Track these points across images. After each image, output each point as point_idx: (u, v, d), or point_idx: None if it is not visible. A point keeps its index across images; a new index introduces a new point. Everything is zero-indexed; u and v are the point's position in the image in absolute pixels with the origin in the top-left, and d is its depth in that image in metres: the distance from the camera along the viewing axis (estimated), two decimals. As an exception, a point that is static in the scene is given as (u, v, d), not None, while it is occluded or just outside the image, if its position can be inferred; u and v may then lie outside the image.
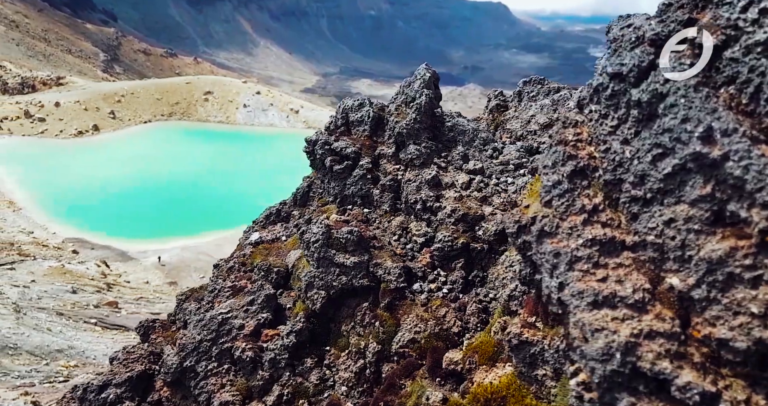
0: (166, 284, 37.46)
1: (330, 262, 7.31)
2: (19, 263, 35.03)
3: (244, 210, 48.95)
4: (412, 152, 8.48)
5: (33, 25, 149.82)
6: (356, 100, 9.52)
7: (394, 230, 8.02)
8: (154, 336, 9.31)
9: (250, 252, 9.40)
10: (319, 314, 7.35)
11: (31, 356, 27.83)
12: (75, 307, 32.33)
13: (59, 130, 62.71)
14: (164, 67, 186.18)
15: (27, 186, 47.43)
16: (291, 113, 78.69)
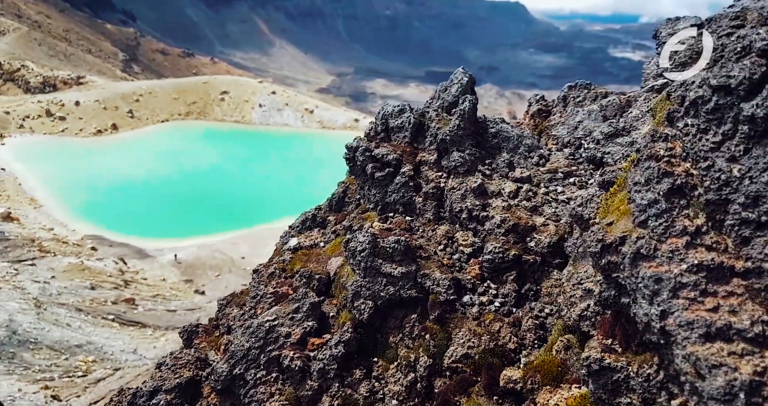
0: (182, 282, 37.70)
1: (377, 272, 7.11)
2: (39, 260, 35.59)
3: (259, 209, 49.23)
4: (455, 160, 8.26)
5: (55, 25, 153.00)
6: (396, 106, 9.32)
7: (440, 239, 7.81)
8: (198, 341, 9.11)
9: (290, 258, 9.24)
10: (366, 325, 7.18)
11: (51, 351, 28.22)
12: (93, 303, 32.69)
13: (79, 128, 63.73)
14: (181, 67, 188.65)
15: (48, 184, 48.22)
16: (306, 113, 78.83)
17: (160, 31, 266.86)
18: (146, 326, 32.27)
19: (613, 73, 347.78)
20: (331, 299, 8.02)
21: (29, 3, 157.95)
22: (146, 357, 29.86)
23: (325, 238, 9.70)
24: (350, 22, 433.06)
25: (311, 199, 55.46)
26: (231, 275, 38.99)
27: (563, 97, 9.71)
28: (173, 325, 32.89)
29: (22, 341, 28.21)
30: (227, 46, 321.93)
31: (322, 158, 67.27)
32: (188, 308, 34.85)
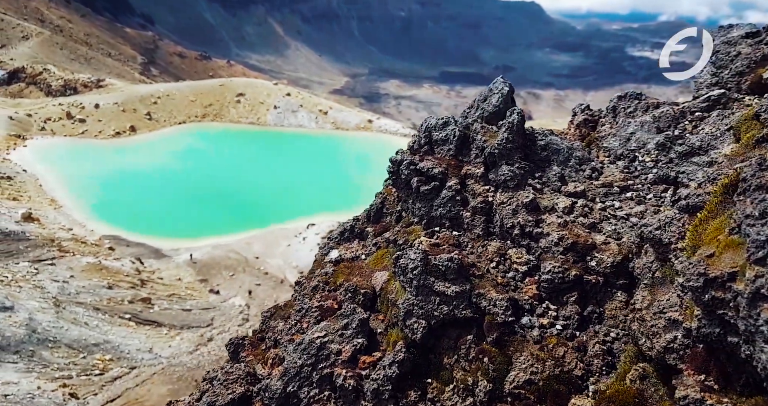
0: (197, 281, 37.99)
1: (430, 290, 6.88)
2: (59, 259, 36.21)
3: (272, 210, 49.44)
4: (505, 173, 8.00)
5: (76, 29, 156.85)
6: (440, 119, 9.01)
7: (491, 256, 7.51)
8: (244, 354, 9.02)
9: (332, 271, 9.10)
10: (419, 345, 6.96)
11: (70, 349, 28.64)
12: (110, 302, 33.12)
13: (98, 130, 64.95)
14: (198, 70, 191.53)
15: (67, 185, 49.17)
16: (320, 114, 79.07)
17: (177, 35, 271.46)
18: (162, 325, 32.55)
19: (632, 73, 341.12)
20: (377, 314, 7.88)
21: (52, 8, 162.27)
22: (162, 356, 30.12)
23: (366, 250, 9.55)
24: (365, 24, 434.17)
25: (324, 199, 55.88)
26: (245, 275, 39.15)
27: (612, 108, 9.37)
28: (188, 324, 33.13)
29: (42, 339, 28.69)
30: (243, 48, 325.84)
31: (336, 159, 67.37)
32: (203, 307, 35.06)
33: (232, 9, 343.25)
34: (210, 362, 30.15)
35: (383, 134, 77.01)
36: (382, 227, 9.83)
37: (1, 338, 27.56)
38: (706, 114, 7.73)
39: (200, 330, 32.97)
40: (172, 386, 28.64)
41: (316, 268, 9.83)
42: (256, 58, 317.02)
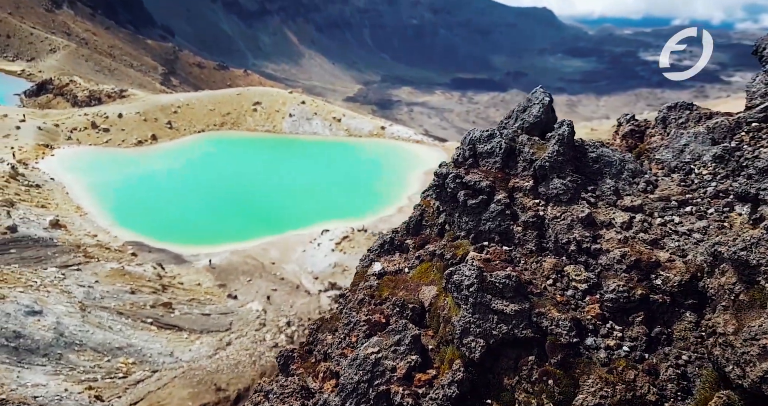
0: (216, 286, 38.78)
1: (487, 308, 6.69)
2: (84, 265, 37.34)
3: (288, 216, 50.24)
4: (557, 187, 7.75)
5: (100, 42, 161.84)
6: (485, 131, 8.84)
7: (547, 273, 7.29)
8: (294, 367, 9.08)
9: (377, 284, 9.07)
10: (477, 364, 6.83)
11: (95, 353, 29.49)
12: (133, 307, 34.04)
13: (121, 139, 66.87)
14: (216, 80, 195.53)
15: (92, 192, 50.73)
16: (333, 122, 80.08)
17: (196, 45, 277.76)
18: (182, 330, 33.33)
19: (645, 77, 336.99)
20: (426, 329, 7.70)
21: (78, 21, 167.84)
22: (182, 360, 30.84)
23: (409, 263, 9.40)
24: (377, 32, 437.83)
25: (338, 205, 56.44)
26: (261, 280, 39.84)
27: (662, 118, 9.13)
28: (207, 328, 33.87)
29: (68, 343, 29.53)
30: (259, 58, 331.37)
31: (349, 166, 68.17)
32: (222, 312, 35.80)
33: (249, 20, 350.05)
34: (229, 366, 30.77)
35: (396, 141, 77.65)
36: (423, 240, 9.64)
37: (31, 341, 28.47)
38: (764, 125, 7.39)
39: (219, 334, 33.67)
40: (193, 390, 29.29)
41: (359, 280, 9.72)
42: (272, 67, 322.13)
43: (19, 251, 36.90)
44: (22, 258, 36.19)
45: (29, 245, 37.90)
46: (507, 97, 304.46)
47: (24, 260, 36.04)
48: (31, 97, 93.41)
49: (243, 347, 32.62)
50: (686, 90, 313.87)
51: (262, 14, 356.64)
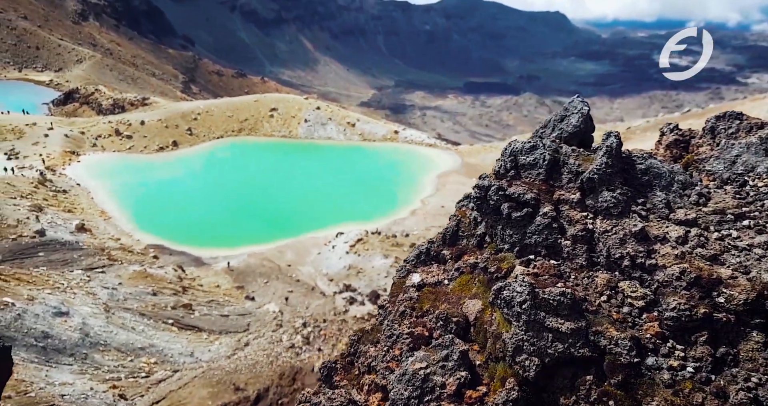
0: (234, 288, 39.56)
1: (541, 326, 6.50)
2: (108, 267, 38.46)
3: (303, 219, 50.99)
4: (607, 200, 7.50)
5: (124, 52, 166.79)
6: (527, 142, 8.60)
7: (601, 289, 7.03)
8: (337, 378, 9.09)
9: (417, 296, 8.93)
10: (531, 383, 6.65)
11: (118, 353, 30.36)
12: (155, 308, 34.96)
13: (144, 146, 68.77)
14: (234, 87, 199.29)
15: (116, 197, 52.33)
16: (348, 127, 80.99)
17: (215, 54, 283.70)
18: (202, 330, 34.09)
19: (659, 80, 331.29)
20: (472, 344, 7.59)
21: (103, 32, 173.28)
22: (202, 360, 31.56)
23: (448, 275, 9.27)
24: (390, 38, 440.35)
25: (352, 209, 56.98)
26: (278, 282, 40.49)
27: (710, 129, 8.87)
28: (226, 329, 34.60)
29: (94, 343, 30.39)
30: (276, 65, 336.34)
31: (363, 169, 68.85)
32: (240, 313, 36.52)
33: (266, 28, 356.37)
34: (247, 366, 31.37)
35: (409, 144, 78.14)
36: (459, 250, 9.57)
37: (58, 341, 29.37)
38: None
39: (237, 335, 34.35)
40: (212, 389, 29.92)
41: (398, 291, 9.62)
42: (288, 74, 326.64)
43: (47, 254, 38.24)
44: (50, 261, 37.47)
45: (56, 249, 39.22)
46: (520, 101, 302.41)
47: (52, 262, 37.30)
48: (58, 106, 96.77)
49: (260, 348, 33.20)
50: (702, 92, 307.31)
51: (278, 23, 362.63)
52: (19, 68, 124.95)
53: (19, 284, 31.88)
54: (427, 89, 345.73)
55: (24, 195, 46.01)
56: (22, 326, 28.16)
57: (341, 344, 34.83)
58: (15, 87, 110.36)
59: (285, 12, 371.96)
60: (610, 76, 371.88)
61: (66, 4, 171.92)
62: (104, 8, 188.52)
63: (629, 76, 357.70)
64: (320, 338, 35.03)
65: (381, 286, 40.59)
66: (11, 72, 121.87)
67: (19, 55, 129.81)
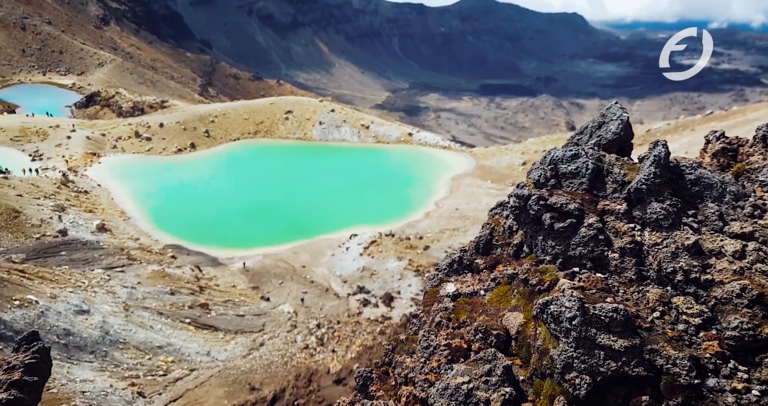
0: (250, 288, 39.98)
1: (592, 343, 6.29)
2: (128, 267, 39.25)
3: (318, 221, 51.31)
4: (656, 211, 7.30)
5: (144, 55, 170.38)
6: (568, 150, 8.32)
7: (653, 305, 6.85)
8: (373, 388, 8.99)
9: (452, 306, 8.80)
10: (582, 401, 6.48)
11: (137, 351, 30.94)
12: (173, 307, 35.54)
13: (162, 148, 70.06)
14: (251, 90, 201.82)
15: (135, 198, 53.40)
16: (362, 129, 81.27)
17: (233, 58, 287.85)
18: (218, 330, 34.54)
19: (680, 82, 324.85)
20: (513, 358, 7.43)
21: (124, 36, 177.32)
22: (218, 359, 31.97)
23: (484, 285, 9.07)
24: (405, 41, 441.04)
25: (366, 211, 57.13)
26: (293, 283, 40.80)
27: (762, 137, 8.62)
28: (242, 329, 34.98)
29: (113, 341, 31.00)
30: (292, 67, 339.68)
31: (377, 171, 68.98)
32: (255, 313, 36.88)
33: (282, 32, 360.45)
34: (262, 366, 31.67)
35: (423, 147, 78.04)
36: (494, 260, 9.47)
37: (79, 338, 30.02)
38: None
39: (253, 335, 34.69)
40: (228, 389, 30.27)
41: (431, 301, 9.49)
42: (304, 77, 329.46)
43: (69, 253, 39.20)
44: (72, 260, 38.40)
45: (78, 248, 40.19)
46: (537, 103, 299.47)
47: (73, 261, 38.21)
48: (80, 109, 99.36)
49: (275, 348, 33.49)
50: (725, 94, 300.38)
51: (295, 26, 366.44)
52: (44, 72, 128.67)
53: (43, 282, 32.71)
54: (441, 91, 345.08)
55: (47, 195, 47.28)
56: (45, 324, 28.87)
57: (355, 345, 34.88)
58: (40, 90, 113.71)
59: (301, 16, 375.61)
60: (629, 78, 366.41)
61: (88, 9, 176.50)
62: (125, 13, 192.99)
63: (649, 78, 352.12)
64: (334, 340, 35.15)
65: (394, 288, 40.58)
66: (36, 75, 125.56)
67: (44, 58, 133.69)
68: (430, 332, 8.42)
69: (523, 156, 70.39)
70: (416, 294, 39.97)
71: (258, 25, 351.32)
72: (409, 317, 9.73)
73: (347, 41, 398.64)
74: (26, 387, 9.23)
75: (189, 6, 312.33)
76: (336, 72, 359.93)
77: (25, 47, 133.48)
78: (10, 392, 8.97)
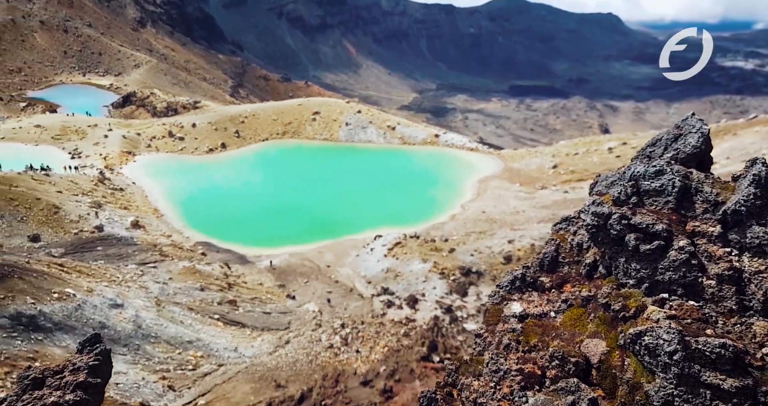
0: (276, 286, 40.46)
1: (696, 381, 5.91)
2: (160, 263, 40.29)
3: (343, 221, 51.55)
4: (759, 236, 6.77)
5: (177, 57, 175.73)
6: (651, 166, 7.84)
7: (761, 340, 6.33)
8: None
9: (520, 328, 8.38)
10: None
11: (168, 345, 31.67)
12: (202, 303, 36.32)
13: (194, 147, 71.91)
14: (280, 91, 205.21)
15: (168, 196, 54.94)
16: (388, 130, 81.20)
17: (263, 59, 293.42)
18: (245, 326, 35.08)
19: (722, 84, 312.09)
20: (594, 388, 6.99)
21: (159, 39, 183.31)
22: (245, 355, 32.46)
23: (554, 307, 8.67)
24: (433, 42, 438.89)
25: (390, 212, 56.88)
26: (317, 282, 41.06)
27: None
28: (268, 326, 35.43)
29: (146, 335, 31.77)
30: (319, 69, 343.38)
31: (402, 173, 68.80)
32: (281, 311, 37.29)
33: (311, 34, 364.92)
34: (287, 364, 31.96)
35: (450, 148, 77.34)
36: (561, 278, 9.00)
37: (114, 332, 30.88)
38: None
39: (278, 333, 35.07)
40: (254, 385, 30.65)
41: (494, 320, 9.08)
42: (331, 78, 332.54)
43: (104, 248, 40.58)
44: (107, 255, 39.73)
45: (113, 244, 41.56)
46: (568, 104, 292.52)
47: (108, 257, 39.53)
48: (117, 109, 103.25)
49: (300, 346, 33.74)
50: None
51: (323, 28, 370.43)
52: (84, 73, 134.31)
53: (80, 276, 33.96)
54: (469, 93, 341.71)
55: (85, 192, 49.18)
56: (81, 316, 29.90)
57: (378, 346, 34.79)
58: (79, 90, 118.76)
59: (330, 18, 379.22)
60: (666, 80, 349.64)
61: (126, 11, 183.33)
62: (160, 15, 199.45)
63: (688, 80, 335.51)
64: (358, 340, 35.15)
65: (419, 290, 40.29)
66: (76, 76, 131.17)
67: (84, 60, 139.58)
68: (498, 355, 8.06)
69: (554, 159, 68.79)
70: (441, 297, 39.59)
71: (287, 27, 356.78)
72: (476, 336, 9.07)
73: (375, 42, 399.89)
74: (90, 389, 9.44)
75: (222, 8, 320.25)
76: (363, 73, 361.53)
77: (67, 49, 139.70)
78: (76, 394, 9.19)
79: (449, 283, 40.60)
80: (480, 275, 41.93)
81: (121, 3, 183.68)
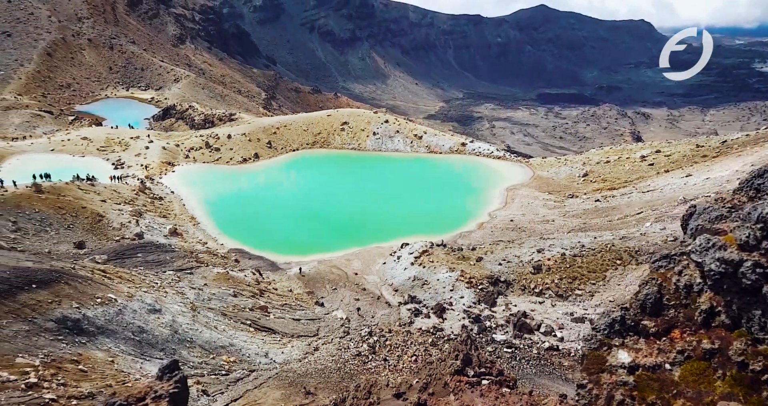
0: (305, 293, 41.07)
1: None
2: (196, 269, 41.48)
3: (371, 229, 52.08)
4: None
5: (214, 71, 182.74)
6: None
7: None
8: None
9: (633, 382, 7.65)
10: None
11: (202, 350, 32.40)
12: (235, 309, 37.20)
13: (229, 158, 74.37)
14: (310, 103, 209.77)
15: (204, 204, 56.99)
16: (414, 139, 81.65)
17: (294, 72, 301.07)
18: (276, 333, 35.73)
19: (761, 90, 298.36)
20: None
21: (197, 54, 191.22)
22: (276, 361, 33.04)
23: (668, 358, 7.83)
24: (460, 52, 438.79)
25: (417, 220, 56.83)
26: (345, 289, 41.45)
27: None
28: (298, 333, 36.02)
29: (181, 339, 32.35)
30: (348, 80, 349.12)
31: (429, 181, 68.96)
32: (310, 318, 37.87)
33: (341, 47, 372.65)
34: (316, 371, 32.36)
35: (477, 157, 77.00)
36: (667, 323, 8.20)
37: (151, 336, 31.58)
38: None
39: (308, 339, 35.56)
40: (284, 391, 31.02)
41: (596, 369, 8.28)
42: (360, 89, 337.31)
43: (144, 255, 42.30)
44: (146, 262, 41.34)
45: (152, 250, 43.23)
46: (599, 112, 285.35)
47: (148, 263, 41.10)
48: (157, 121, 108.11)
49: (329, 353, 34.08)
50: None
51: (353, 41, 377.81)
52: (127, 87, 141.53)
53: (121, 282, 35.41)
54: (497, 101, 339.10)
55: (127, 201, 51.61)
56: (122, 321, 31.02)
57: (406, 356, 34.80)
58: (123, 104, 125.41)
59: (359, 31, 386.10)
60: (702, 87, 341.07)
61: (167, 29, 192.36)
62: (199, 32, 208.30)
63: (724, 87, 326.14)
64: (386, 349, 35.22)
65: (446, 299, 40.11)
66: (120, 91, 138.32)
67: (128, 75, 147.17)
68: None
69: (584, 167, 67.39)
70: (468, 306, 39.28)
71: (318, 40, 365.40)
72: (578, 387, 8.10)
73: (402, 54, 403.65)
74: (170, 415, 9.28)
75: (256, 24, 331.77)
76: (391, 84, 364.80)
77: (112, 65, 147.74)
78: (158, 421, 9.02)
79: (477, 292, 40.24)
80: (508, 284, 41.40)
81: (163, 21, 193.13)
